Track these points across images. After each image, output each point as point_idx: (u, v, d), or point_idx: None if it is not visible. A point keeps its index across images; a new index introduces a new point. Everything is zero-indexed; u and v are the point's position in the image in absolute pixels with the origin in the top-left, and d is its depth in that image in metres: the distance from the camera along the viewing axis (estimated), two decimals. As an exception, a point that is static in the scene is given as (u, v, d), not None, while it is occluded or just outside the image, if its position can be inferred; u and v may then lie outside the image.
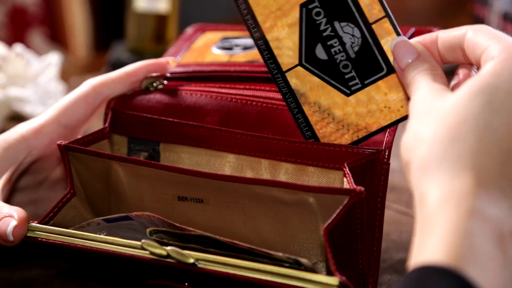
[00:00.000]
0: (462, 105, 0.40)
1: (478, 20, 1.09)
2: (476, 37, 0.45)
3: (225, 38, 0.64)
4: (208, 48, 0.63)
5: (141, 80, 0.59)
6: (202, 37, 0.66)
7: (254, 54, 0.60)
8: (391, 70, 0.51)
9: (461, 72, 0.49)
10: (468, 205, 0.36)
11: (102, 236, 0.49)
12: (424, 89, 0.44)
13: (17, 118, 0.82)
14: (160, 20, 1.00)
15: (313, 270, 0.45)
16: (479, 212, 0.36)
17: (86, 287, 0.57)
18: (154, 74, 0.60)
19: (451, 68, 0.51)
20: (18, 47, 0.85)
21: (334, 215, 0.45)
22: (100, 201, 0.56)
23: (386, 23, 0.51)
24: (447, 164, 0.38)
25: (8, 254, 0.60)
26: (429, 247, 0.36)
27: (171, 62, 0.61)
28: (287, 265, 0.46)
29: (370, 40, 0.51)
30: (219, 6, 1.56)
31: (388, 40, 0.51)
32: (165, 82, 0.60)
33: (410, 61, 0.48)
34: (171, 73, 0.61)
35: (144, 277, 0.52)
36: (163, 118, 0.57)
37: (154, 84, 0.60)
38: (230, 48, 0.62)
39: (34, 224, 0.51)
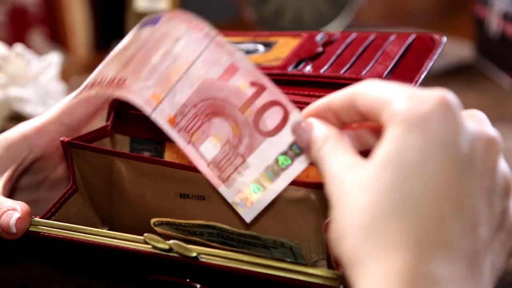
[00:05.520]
0: (374, 181, 0.36)
1: (478, 20, 1.10)
2: (372, 92, 0.39)
3: None
4: (210, 52, 0.64)
5: (143, 80, 0.59)
6: (204, 42, 0.66)
7: (257, 58, 0.61)
8: None
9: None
10: None
11: (104, 230, 0.50)
12: (332, 169, 0.40)
13: (17, 118, 0.82)
14: (160, 20, 1.00)
15: (299, 249, 0.45)
16: None
17: (87, 286, 0.57)
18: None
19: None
20: (18, 47, 0.85)
21: None
22: (101, 199, 0.56)
23: None
24: (374, 252, 0.35)
25: (10, 251, 0.60)
26: None
27: None
28: (288, 259, 0.46)
29: None
30: (219, 6, 1.56)
31: None
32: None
33: (308, 139, 0.43)
34: None
35: (145, 272, 0.52)
36: None
37: (157, 85, 0.60)
38: None
39: (37, 218, 0.51)
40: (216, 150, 0.47)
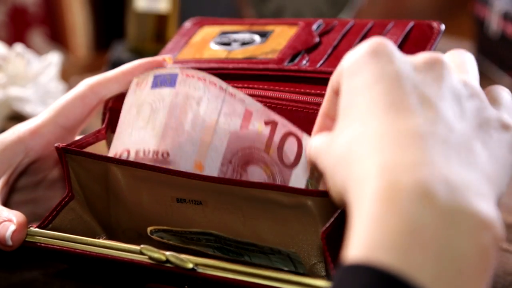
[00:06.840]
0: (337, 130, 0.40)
1: (478, 19, 1.09)
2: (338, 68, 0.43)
3: (223, 33, 0.64)
4: (206, 43, 0.63)
5: (139, 79, 0.59)
6: (200, 32, 0.65)
7: (253, 50, 0.60)
8: None
9: None
10: (377, 184, 0.34)
11: (101, 240, 0.49)
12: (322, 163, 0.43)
13: (17, 118, 0.82)
14: (160, 20, 1.00)
15: (297, 255, 0.46)
16: (387, 184, 0.34)
17: (86, 286, 0.57)
18: (152, 73, 0.59)
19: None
20: (19, 47, 0.85)
21: (332, 219, 0.45)
22: (98, 202, 0.56)
23: None
24: (349, 124, 0.39)
25: (8, 257, 0.59)
26: (349, 244, 0.34)
27: (168, 59, 0.60)
28: (286, 268, 0.46)
29: None
30: (219, 6, 1.56)
31: None
32: (163, 80, 0.60)
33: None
34: None
35: (143, 280, 0.52)
36: None
37: (153, 83, 0.59)
38: (228, 44, 0.62)
39: (33, 229, 0.51)
40: None
